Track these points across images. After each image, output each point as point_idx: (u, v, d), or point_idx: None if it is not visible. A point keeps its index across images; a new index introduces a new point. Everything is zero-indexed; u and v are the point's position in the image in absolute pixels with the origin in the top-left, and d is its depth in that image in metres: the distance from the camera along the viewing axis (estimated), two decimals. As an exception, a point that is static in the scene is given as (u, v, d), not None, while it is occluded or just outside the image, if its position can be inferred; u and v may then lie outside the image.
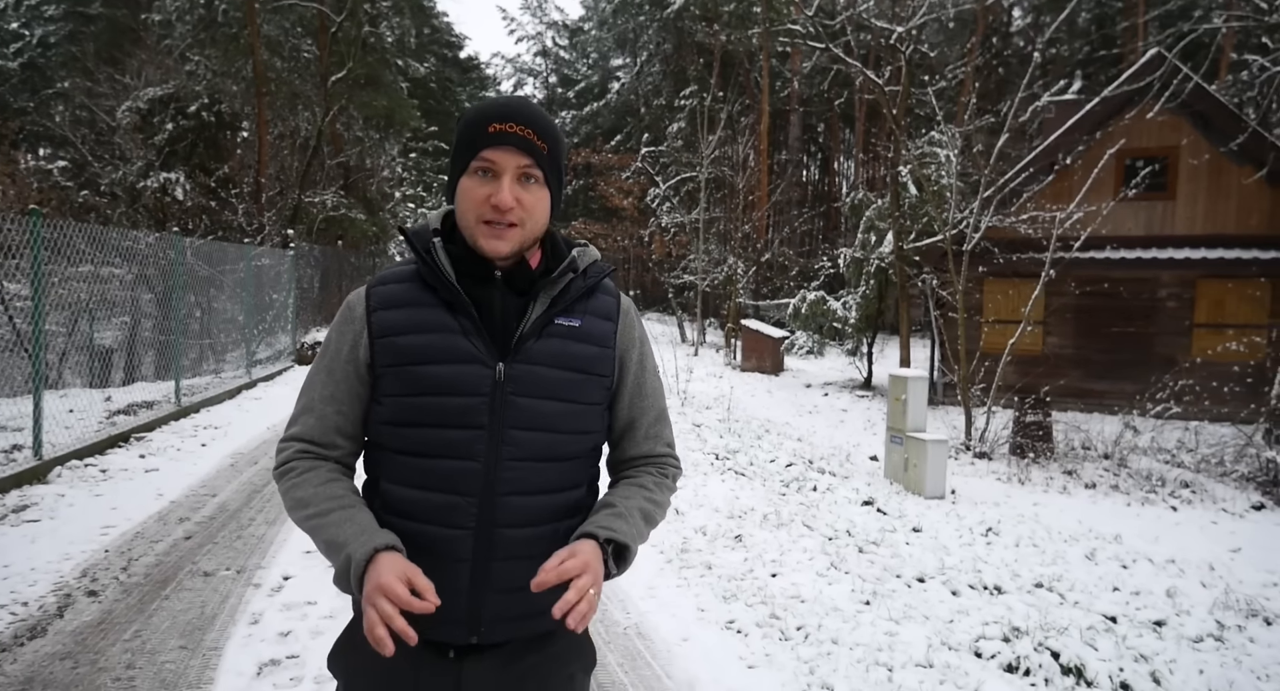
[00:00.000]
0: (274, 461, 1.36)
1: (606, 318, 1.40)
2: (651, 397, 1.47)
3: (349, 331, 1.35)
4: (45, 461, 6.41)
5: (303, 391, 1.39)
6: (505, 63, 56.29)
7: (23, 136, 23.88)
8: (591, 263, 1.41)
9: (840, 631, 3.58)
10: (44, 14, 36.01)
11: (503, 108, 1.29)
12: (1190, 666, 4.45)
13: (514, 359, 1.29)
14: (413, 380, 1.28)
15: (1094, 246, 13.78)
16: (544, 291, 1.33)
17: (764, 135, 25.61)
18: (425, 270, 1.32)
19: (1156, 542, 7.18)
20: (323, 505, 1.25)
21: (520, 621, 1.31)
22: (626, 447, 1.46)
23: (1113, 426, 11.08)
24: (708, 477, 6.60)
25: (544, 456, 1.31)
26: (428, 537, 1.26)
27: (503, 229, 1.27)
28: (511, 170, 1.27)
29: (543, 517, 1.31)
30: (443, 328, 1.29)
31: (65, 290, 10.44)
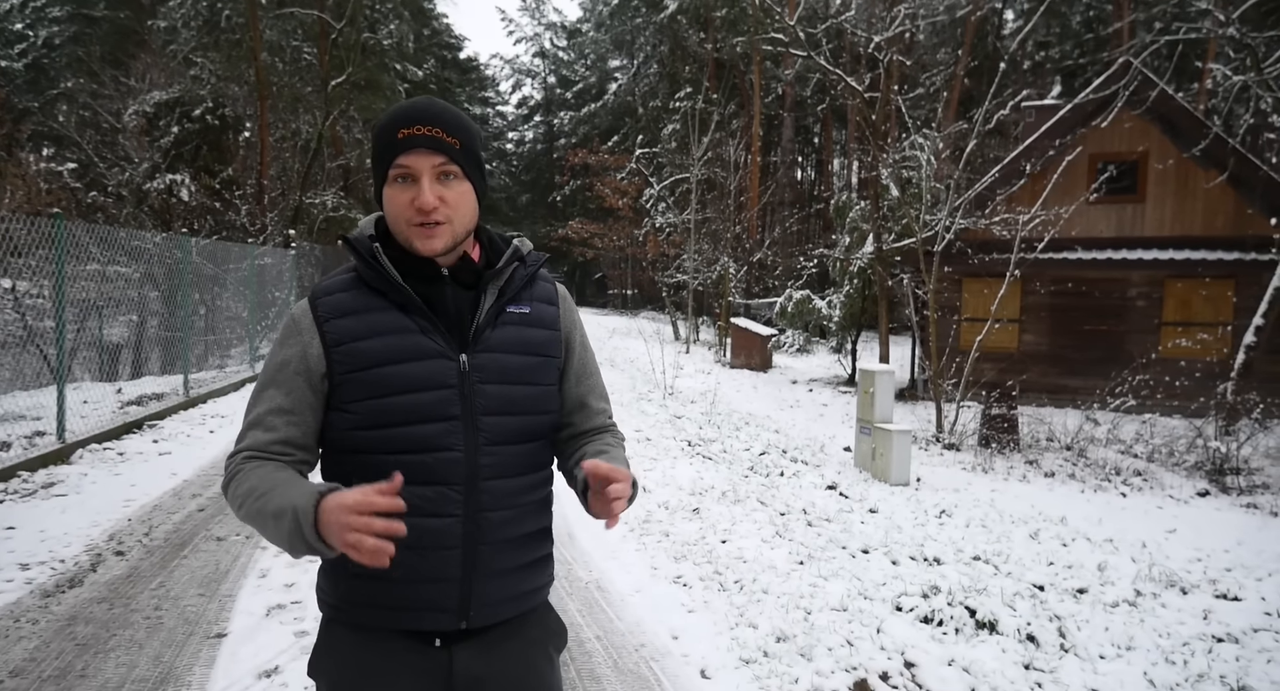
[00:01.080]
0: (222, 480, 1.35)
1: (549, 302, 1.47)
2: (595, 375, 1.55)
3: (297, 344, 1.35)
4: (68, 445, 6.97)
5: (249, 409, 1.38)
6: (504, 64, 56.85)
7: (28, 136, 24.40)
8: (529, 251, 1.47)
9: (772, 584, 4.11)
10: (48, 15, 36.50)
11: (409, 111, 1.32)
12: (1099, 625, 4.94)
13: (475, 349, 1.34)
14: (379, 383, 1.31)
15: (1067, 247, 14.32)
16: (491, 283, 1.38)
17: (755, 137, 26.11)
18: (371, 275, 1.35)
19: (1099, 524, 7.69)
20: (266, 485, 1.24)
21: (504, 604, 1.37)
22: (579, 423, 1.51)
23: (1079, 420, 11.60)
24: (676, 461, 7.14)
25: (516, 439, 1.37)
26: (416, 530, 1.24)
27: (432, 228, 1.30)
28: (428, 171, 1.29)
29: (519, 499, 1.37)
30: (400, 328, 1.33)
31: (75, 288, 10.95)
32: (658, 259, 26.39)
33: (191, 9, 20.75)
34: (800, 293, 17.56)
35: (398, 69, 24.73)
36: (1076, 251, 14.35)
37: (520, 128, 57.95)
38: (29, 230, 7.49)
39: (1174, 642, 4.78)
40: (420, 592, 1.31)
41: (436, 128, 1.30)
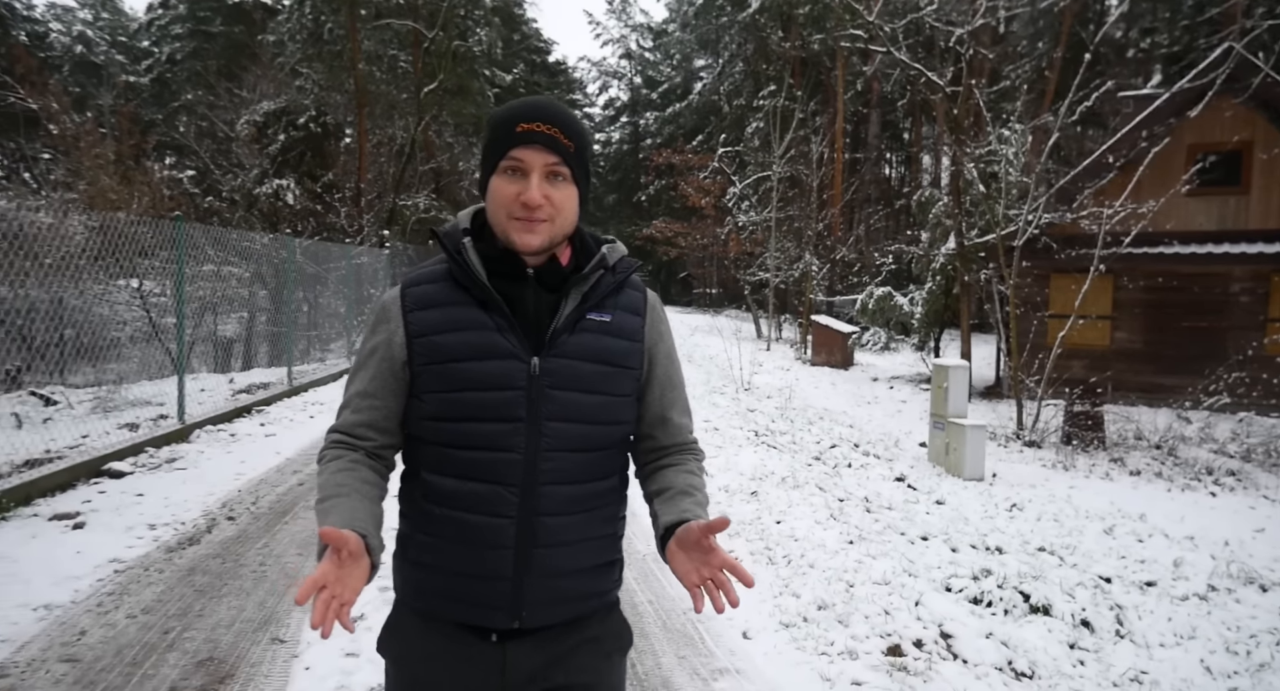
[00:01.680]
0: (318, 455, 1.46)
1: (635, 312, 1.44)
2: (679, 389, 1.53)
3: (384, 331, 1.39)
4: (187, 426, 7.68)
5: (346, 386, 1.46)
6: (591, 66, 57.73)
7: (153, 146, 26.28)
8: (620, 258, 1.46)
9: (819, 559, 4.30)
10: (171, 33, 39.07)
11: (530, 108, 1.33)
12: (1162, 615, 4.90)
13: (548, 353, 1.34)
14: (452, 377, 1.33)
15: (1163, 241, 13.80)
16: (575, 287, 1.38)
17: (838, 134, 25.89)
18: (457, 270, 1.37)
19: (1181, 522, 7.48)
20: (326, 492, 1.32)
21: (559, 605, 1.38)
22: (660, 437, 1.50)
23: (1170, 419, 11.24)
24: (741, 449, 7.36)
25: (580, 446, 1.36)
26: (471, 526, 1.32)
27: (534, 224, 1.31)
28: (539, 168, 1.30)
29: (580, 506, 1.37)
30: (478, 325, 1.34)
31: (192, 287, 11.88)
32: (740, 257, 26.47)
33: (297, 23, 21.99)
34: (881, 290, 17.42)
35: (486, 74, 25.59)
36: (1173, 246, 13.81)
37: (607, 129, 58.74)
38: (153, 233, 8.24)
39: (1241, 635, 4.70)
40: (472, 587, 1.34)
41: (555, 127, 1.31)
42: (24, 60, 17.44)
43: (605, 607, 1.47)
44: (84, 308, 10.90)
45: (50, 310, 9.48)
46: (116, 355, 12.00)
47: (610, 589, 1.47)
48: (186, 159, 24.65)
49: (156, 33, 40.87)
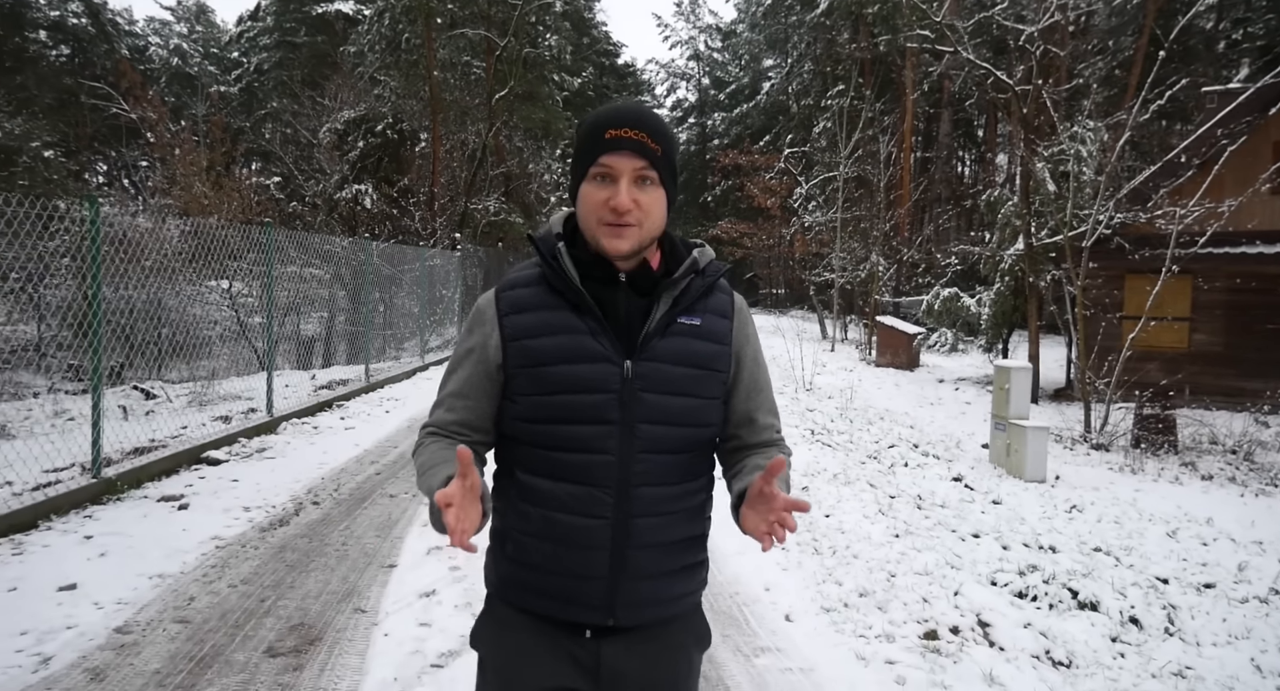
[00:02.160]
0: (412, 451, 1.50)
1: (723, 315, 1.46)
2: (765, 391, 1.54)
3: (480, 334, 1.42)
4: (275, 418, 8.24)
5: (441, 385, 1.50)
6: (659, 68, 58.08)
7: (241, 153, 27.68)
8: (709, 262, 1.47)
9: (864, 551, 4.47)
10: (259, 44, 40.91)
11: (618, 114, 1.34)
12: (1216, 616, 4.88)
13: (640, 357, 1.36)
14: (546, 380, 1.35)
15: (1246, 241, 13.37)
16: (666, 292, 1.39)
17: (906, 134, 25.60)
18: (551, 274, 1.39)
19: (1252, 527, 7.32)
20: (432, 460, 1.36)
21: (651, 606, 1.40)
22: (746, 438, 1.52)
23: (1249, 424, 10.92)
24: (796, 446, 7.50)
25: (671, 449, 1.38)
26: (566, 526, 1.34)
27: (623, 229, 1.32)
28: (628, 174, 1.32)
29: (671, 507, 1.39)
30: (571, 329, 1.36)
31: (277, 288, 12.60)
32: (805, 258, 26.40)
33: (377, 34, 22.90)
34: (948, 290, 17.23)
35: (556, 80, 26.15)
36: (1256, 245, 13.37)
37: (675, 129, 59.06)
38: (242, 237, 8.83)
39: None
40: (568, 585, 1.36)
41: (643, 132, 1.32)
42: (129, 75, 18.59)
43: (691, 609, 1.50)
44: (179, 308, 11.66)
45: (149, 310, 10.22)
46: (208, 353, 12.79)
47: (697, 589, 1.50)
48: (272, 165, 25.85)
49: (246, 44, 42.84)
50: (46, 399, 10.40)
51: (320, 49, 33.34)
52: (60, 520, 4.88)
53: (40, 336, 13.44)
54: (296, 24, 37.61)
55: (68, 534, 4.64)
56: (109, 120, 29.09)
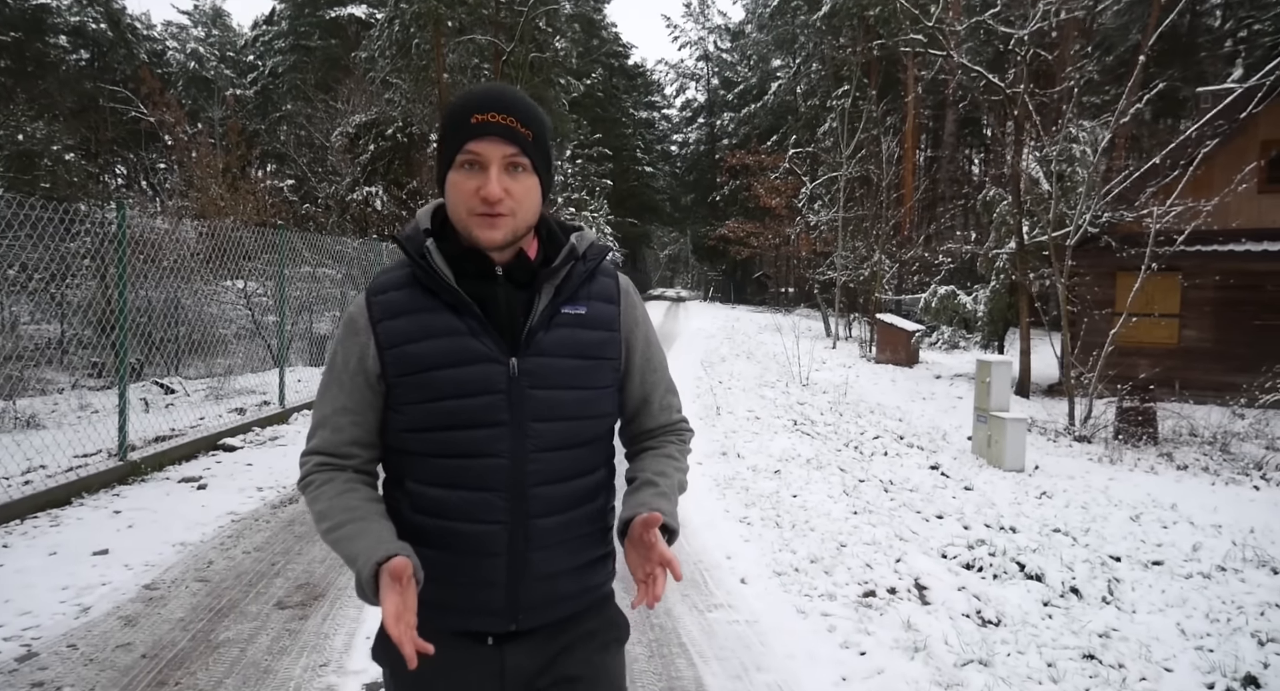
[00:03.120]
0: (298, 480, 1.41)
1: (609, 301, 1.41)
2: (660, 371, 1.50)
3: (355, 344, 1.35)
4: (286, 410, 8.74)
5: (316, 406, 1.41)
6: (668, 68, 58.43)
7: (256, 155, 28.27)
8: (589, 245, 1.41)
9: (821, 525, 4.88)
10: (274, 47, 41.62)
11: (483, 97, 1.28)
12: (1157, 589, 5.19)
13: (525, 353, 1.31)
14: (429, 386, 1.29)
15: (1233, 239, 13.65)
16: (547, 282, 1.34)
17: (909, 134, 25.90)
18: (422, 274, 1.32)
19: (1214, 512, 7.59)
20: (338, 518, 1.27)
21: (555, 605, 1.37)
22: (644, 422, 1.49)
23: (1230, 418, 11.23)
24: (776, 435, 7.93)
25: (565, 444, 1.34)
26: (462, 535, 1.29)
27: (495, 219, 1.26)
28: (497, 161, 1.25)
29: (570, 504, 1.35)
30: (450, 331, 1.30)
31: (290, 288, 13.07)
32: (810, 257, 26.73)
33: (388, 39, 23.45)
34: (945, 288, 17.57)
35: (562, 83, 26.62)
36: (1244, 243, 13.64)
37: (684, 130, 59.42)
38: (256, 239, 9.32)
39: (1229, 607, 4.87)
40: (467, 595, 1.32)
41: (512, 116, 1.26)
42: (149, 81, 19.15)
43: (600, 601, 1.47)
44: (196, 307, 12.16)
45: (167, 310, 10.72)
46: (224, 350, 13.30)
47: (604, 581, 1.47)
48: (286, 167, 26.44)
49: (261, 48, 43.57)
50: (71, 394, 10.90)
51: (333, 52, 33.96)
52: (91, 498, 5.36)
53: (63, 334, 13.99)
54: (310, 28, 38.28)
55: (98, 509, 5.12)
56: (128, 124, 29.78)
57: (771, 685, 3.02)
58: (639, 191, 51.21)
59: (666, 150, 58.91)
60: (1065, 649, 3.80)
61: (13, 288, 13.13)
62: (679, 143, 59.98)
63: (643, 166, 52.26)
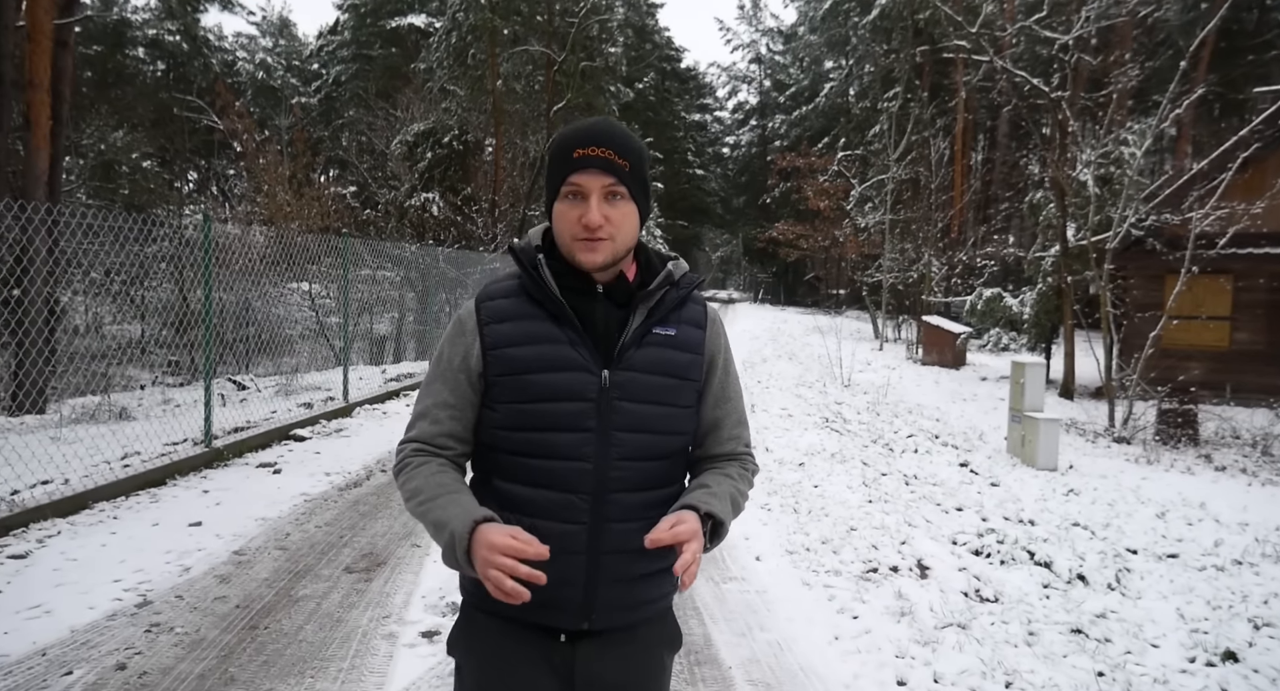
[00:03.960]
0: (393, 464, 1.49)
1: (697, 326, 1.50)
2: (734, 401, 1.57)
3: (461, 343, 1.44)
4: (350, 404, 9.41)
5: (419, 399, 1.49)
6: (720, 71, 58.76)
7: (320, 161, 29.36)
8: (683, 274, 1.50)
9: (835, 511, 5.26)
10: (338, 56, 43.07)
11: (584, 133, 1.38)
12: (1167, 578, 5.38)
13: (617, 366, 1.39)
14: (525, 388, 1.38)
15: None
16: (642, 303, 1.43)
17: (959, 136, 25.81)
18: (531, 285, 1.41)
19: (1243, 511, 7.63)
20: (431, 491, 1.35)
21: (626, 609, 1.43)
22: (710, 446, 1.55)
23: (1273, 420, 11.19)
24: (806, 431, 8.29)
25: (646, 456, 1.42)
26: (542, 532, 1.32)
27: (595, 243, 1.36)
28: (597, 191, 1.35)
29: (645, 512, 1.39)
30: (550, 338, 1.39)
31: (352, 290, 13.80)
32: (860, 259, 26.81)
33: (445, 50, 24.29)
34: (991, 291, 17.62)
35: (612, 90, 27.18)
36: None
37: (736, 132, 59.63)
38: (320, 244, 10.02)
39: (1234, 596, 5.00)
40: (546, 591, 1.34)
41: (609, 149, 1.36)
42: (223, 95, 20.21)
43: (664, 611, 1.54)
44: (264, 309, 12.95)
45: (239, 311, 11.50)
46: (291, 350, 14.11)
47: (670, 592, 1.53)
48: (348, 173, 27.50)
49: (325, 57, 45.13)
50: (152, 390, 11.74)
51: (393, 61, 35.08)
52: (183, 479, 6.03)
53: (143, 334, 14.96)
54: (371, 37, 39.54)
55: (189, 489, 5.77)
56: (201, 133, 31.22)
57: (770, 642, 3.45)
58: (690, 194, 51.56)
59: (718, 152, 59.21)
60: (1054, 624, 4.12)
61: (97, 291, 14.11)
62: (731, 144, 60.21)
63: (694, 169, 52.58)
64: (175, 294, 13.99)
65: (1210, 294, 14.28)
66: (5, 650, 3.20)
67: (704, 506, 1.35)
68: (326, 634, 3.49)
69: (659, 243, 37.12)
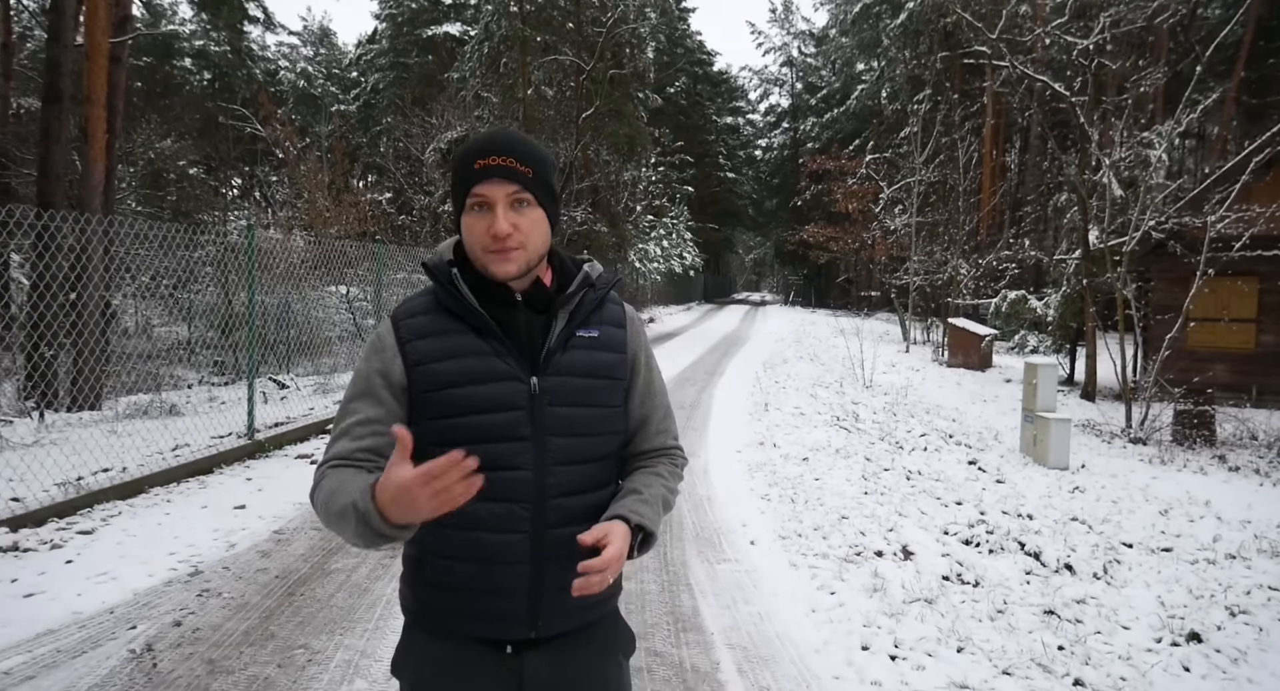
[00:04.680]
0: (309, 491, 1.40)
1: (618, 325, 1.52)
2: (659, 396, 1.59)
3: (380, 360, 1.42)
4: (383, 401, 9.89)
5: (335, 422, 1.45)
6: (752, 74, 58.95)
7: (358, 167, 30.13)
8: (599, 274, 1.51)
9: (830, 501, 5.58)
10: (376, 65, 44.08)
11: (484, 143, 1.37)
12: (1153, 569, 5.55)
13: (545, 372, 1.40)
14: (454, 402, 1.38)
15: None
16: (562, 307, 1.44)
17: (988, 138, 25.81)
18: (449, 299, 1.42)
19: (1248, 509, 7.71)
20: (333, 487, 1.30)
21: (572, 614, 1.44)
22: (639, 442, 1.57)
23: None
24: (815, 429, 8.58)
25: (582, 459, 1.43)
26: (487, 544, 1.35)
27: (506, 253, 1.36)
28: (502, 200, 1.34)
29: (585, 516, 1.40)
30: (475, 351, 1.39)
31: (387, 293, 14.33)
32: (889, 261, 26.89)
33: (478, 60, 24.94)
34: (1015, 293, 17.71)
35: (640, 97, 27.64)
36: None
37: (768, 134, 59.78)
38: (357, 250, 10.54)
39: (1218, 586, 5.15)
40: (490, 603, 1.38)
41: (509, 157, 1.35)
42: (266, 105, 20.96)
43: (611, 613, 1.56)
44: (304, 311, 13.53)
45: (279, 314, 12.07)
46: (328, 351, 14.69)
47: (614, 594, 1.54)
48: (385, 179, 28.24)
49: (364, 65, 46.22)
50: (198, 388, 12.37)
51: (429, 69, 35.89)
52: (228, 468, 6.53)
53: (189, 336, 15.66)
54: (408, 46, 40.40)
55: (235, 476, 6.27)
56: (244, 141, 32.21)
57: (753, 613, 3.81)
58: (721, 197, 51.84)
59: (750, 155, 59.40)
60: (1027, 605, 4.40)
61: (145, 294, 14.81)
62: (763, 147, 60.39)
63: (725, 172, 52.85)
64: (220, 297, 14.65)
65: (1235, 296, 14.29)
66: (79, 608, 3.70)
67: (634, 517, 1.37)
68: (354, 600, 3.91)
69: (689, 246, 37.48)
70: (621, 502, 1.41)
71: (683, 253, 36.02)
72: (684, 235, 36.28)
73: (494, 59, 24.36)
